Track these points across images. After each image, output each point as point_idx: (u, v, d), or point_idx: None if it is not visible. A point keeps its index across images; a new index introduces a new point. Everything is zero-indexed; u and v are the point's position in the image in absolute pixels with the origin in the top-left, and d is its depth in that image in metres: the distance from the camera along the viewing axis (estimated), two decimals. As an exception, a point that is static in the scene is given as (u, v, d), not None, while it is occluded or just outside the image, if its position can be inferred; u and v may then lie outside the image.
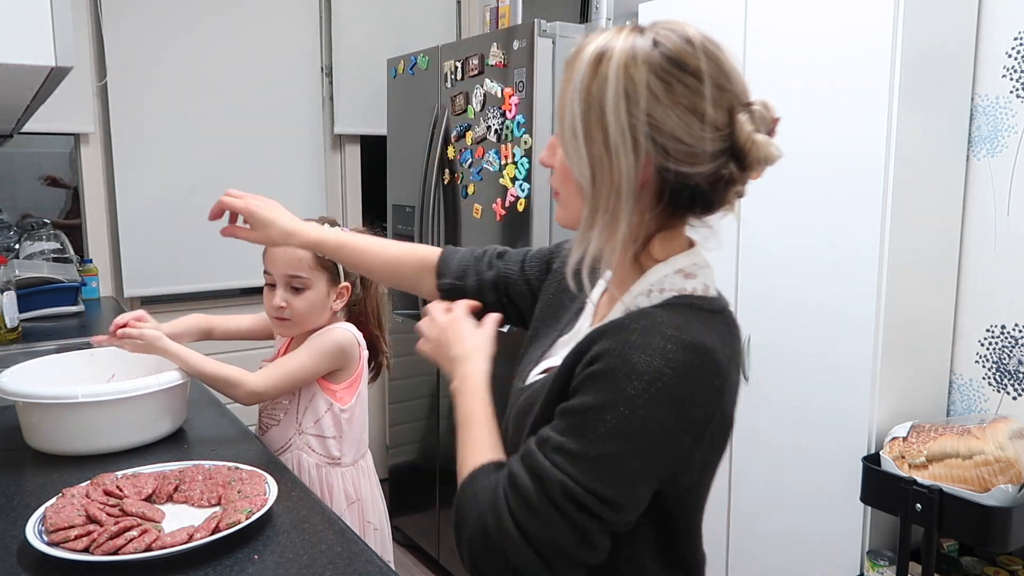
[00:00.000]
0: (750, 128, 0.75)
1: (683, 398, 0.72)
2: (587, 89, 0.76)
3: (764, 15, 1.90)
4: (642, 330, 0.74)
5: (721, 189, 0.78)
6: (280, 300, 1.49)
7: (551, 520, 0.72)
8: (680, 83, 0.74)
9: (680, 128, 0.74)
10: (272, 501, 1.10)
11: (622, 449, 0.72)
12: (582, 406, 0.73)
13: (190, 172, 3.00)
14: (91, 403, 1.31)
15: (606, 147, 0.75)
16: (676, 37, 0.76)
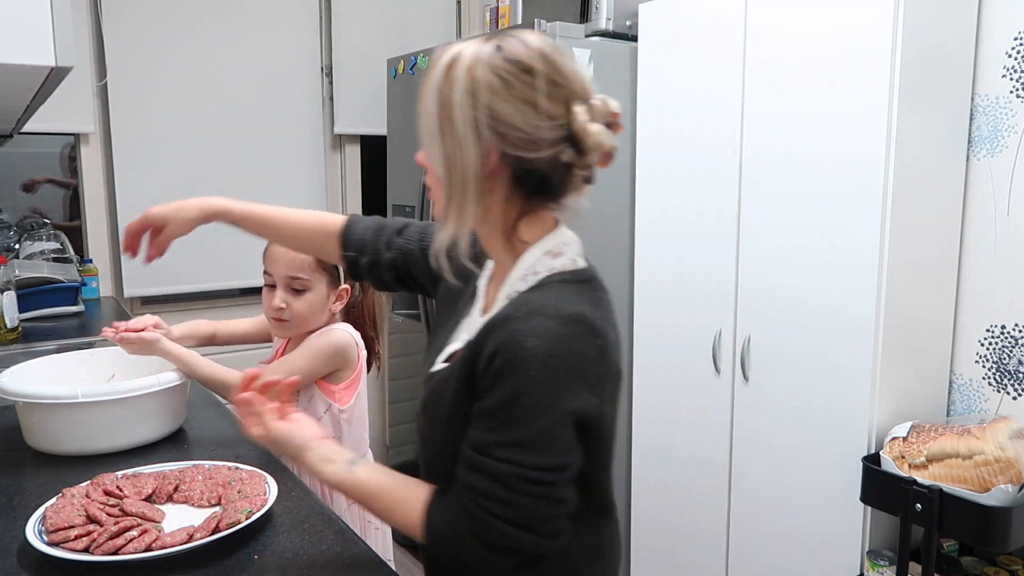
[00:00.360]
0: (584, 118, 0.86)
1: (576, 364, 0.83)
2: (440, 91, 0.87)
3: (764, 15, 1.90)
4: (525, 316, 0.84)
5: (562, 173, 0.89)
6: (280, 301, 1.49)
7: (523, 503, 0.83)
8: (517, 79, 0.85)
9: (518, 118, 0.84)
10: (272, 501, 1.10)
11: (546, 423, 0.82)
12: (500, 401, 0.83)
13: (190, 172, 3.00)
14: (91, 403, 1.31)
15: (455, 140, 0.86)
16: (517, 42, 0.87)
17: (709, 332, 2.11)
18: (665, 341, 2.26)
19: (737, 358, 2.03)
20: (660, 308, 2.27)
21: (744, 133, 1.97)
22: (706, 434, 2.14)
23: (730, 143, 2.01)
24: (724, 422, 2.09)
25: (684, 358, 2.20)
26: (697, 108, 2.10)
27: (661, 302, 2.26)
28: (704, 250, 2.11)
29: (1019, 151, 1.78)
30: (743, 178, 1.98)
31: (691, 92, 2.12)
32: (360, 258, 1.18)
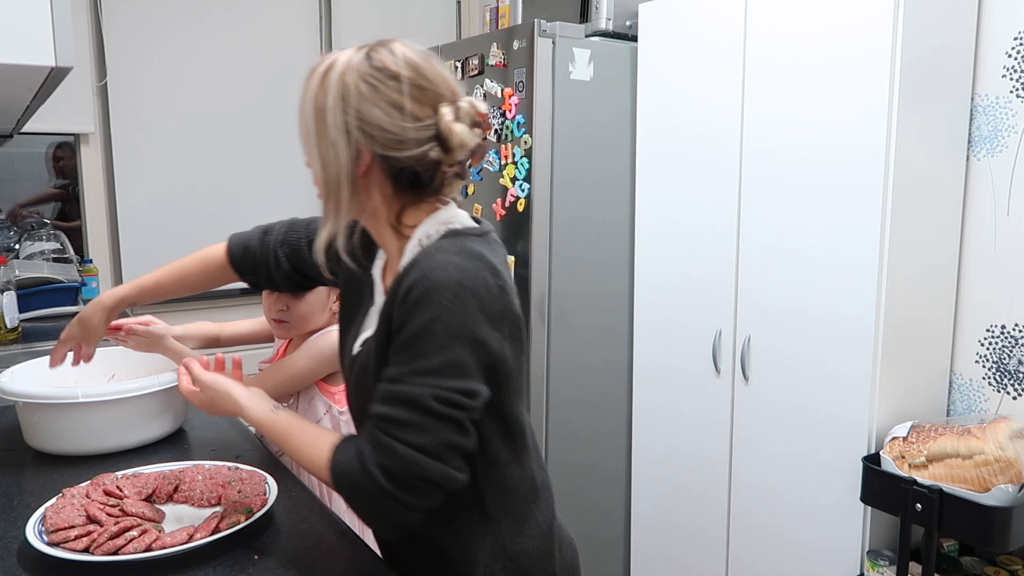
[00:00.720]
0: (449, 119, 0.92)
1: (481, 296, 0.89)
2: (315, 98, 0.93)
3: (764, 15, 1.90)
4: (431, 254, 0.91)
5: (432, 170, 0.95)
6: (281, 303, 1.49)
7: (436, 426, 0.87)
8: (383, 84, 0.91)
9: (385, 120, 0.91)
10: (272, 501, 1.10)
11: (459, 349, 0.87)
12: (414, 331, 0.88)
13: (190, 172, 3.00)
14: (91, 403, 1.31)
15: (328, 143, 0.92)
16: (385, 51, 0.93)
17: (709, 332, 2.11)
18: (665, 341, 2.26)
19: (737, 358, 2.03)
20: (660, 308, 2.27)
21: (744, 133, 1.97)
22: (706, 434, 2.14)
23: (730, 143, 2.01)
24: (724, 422, 2.09)
25: (684, 358, 2.20)
26: (697, 108, 2.10)
27: (661, 302, 2.26)
28: (704, 250, 2.11)
29: (1019, 151, 1.78)
30: (743, 178, 1.98)
31: (691, 92, 2.12)
32: (257, 278, 1.27)
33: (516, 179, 2.28)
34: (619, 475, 2.48)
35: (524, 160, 2.24)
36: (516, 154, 2.27)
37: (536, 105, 2.20)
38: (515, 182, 2.28)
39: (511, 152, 2.29)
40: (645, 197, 2.29)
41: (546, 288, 2.26)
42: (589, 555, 2.49)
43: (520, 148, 2.25)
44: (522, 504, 1.01)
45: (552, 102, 2.21)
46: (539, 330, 2.27)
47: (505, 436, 0.98)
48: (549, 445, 2.32)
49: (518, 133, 2.26)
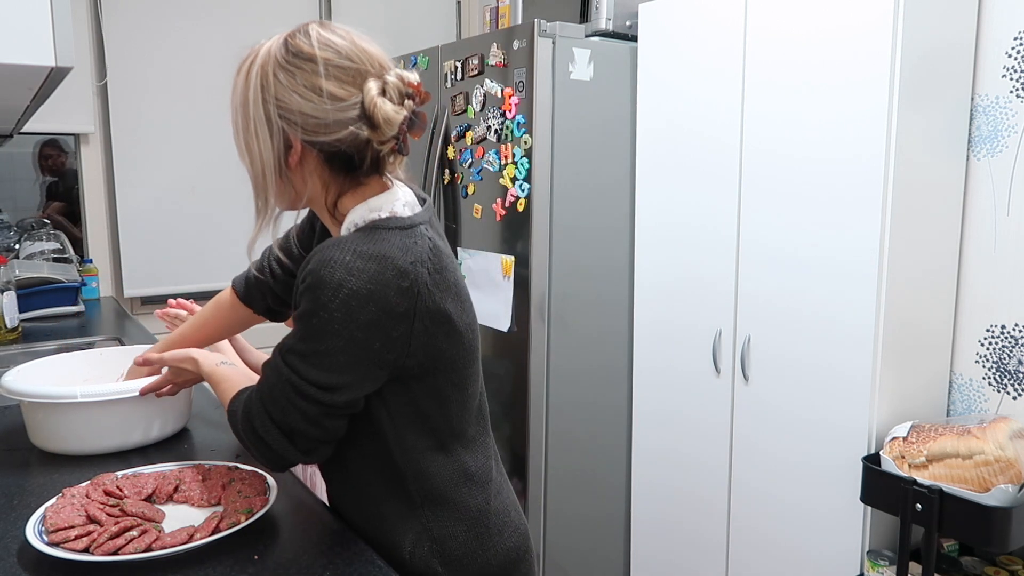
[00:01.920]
0: (375, 93, 0.91)
1: (372, 299, 0.88)
2: (241, 92, 0.93)
3: (764, 15, 1.90)
4: (329, 248, 0.90)
5: (364, 149, 0.94)
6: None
7: (283, 407, 0.92)
8: (299, 69, 0.91)
9: (305, 105, 0.90)
10: (272, 501, 1.10)
11: (331, 345, 0.89)
12: (300, 313, 0.91)
13: (190, 172, 3.00)
14: (90, 403, 1.31)
15: (251, 134, 0.92)
16: (300, 34, 0.93)
17: (709, 332, 2.11)
18: (665, 341, 2.26)
19: (737, 358, 2.03)
20: (660, 308, 2.27)
21: (744, 133, 1.97)
22: (706, 434, 2.14)
23: (730, 143, 2.01)
24: (724, 422, 2.09)
25: (684, 358, 2.20)
26: (697, 108, 2.10)
27: (661, 302, 2.26)
28: (704, 250, 2.11)
29: (1019, 151, 1.78)
30: (743, 178, 1.99)
31: (691, 92, 2.12)
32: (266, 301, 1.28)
33: (516, 179, 2.28)
34: (619, 476, 2.48)
35: (524, 160, 2.24)
36: (516, 154, 2.27)
37: (536, 105, 2.20)
38: (515, 182, 2.28)
39: (511, 152, 2.29)
40: (645, 198, 2.29)
41: (546, 289, 2.26)
42: (589, 556, 2.49)
43: (520, 148, 2.25)
44: (447, 489, 1.02)
45: (552, 102, 2.21)
46: (539, 330, 2.27)
47: (422, 426, 1.00)
48: (549, 446, 2.32)
49: (518, 133, 2.26)
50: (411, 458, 1.00)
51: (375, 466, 1.02)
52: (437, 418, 1.00)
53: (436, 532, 1.01)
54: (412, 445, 1.00)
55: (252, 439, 0.96)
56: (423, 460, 1.01)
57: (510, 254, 2.32)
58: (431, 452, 1.01)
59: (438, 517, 1.02)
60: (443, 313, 0.95)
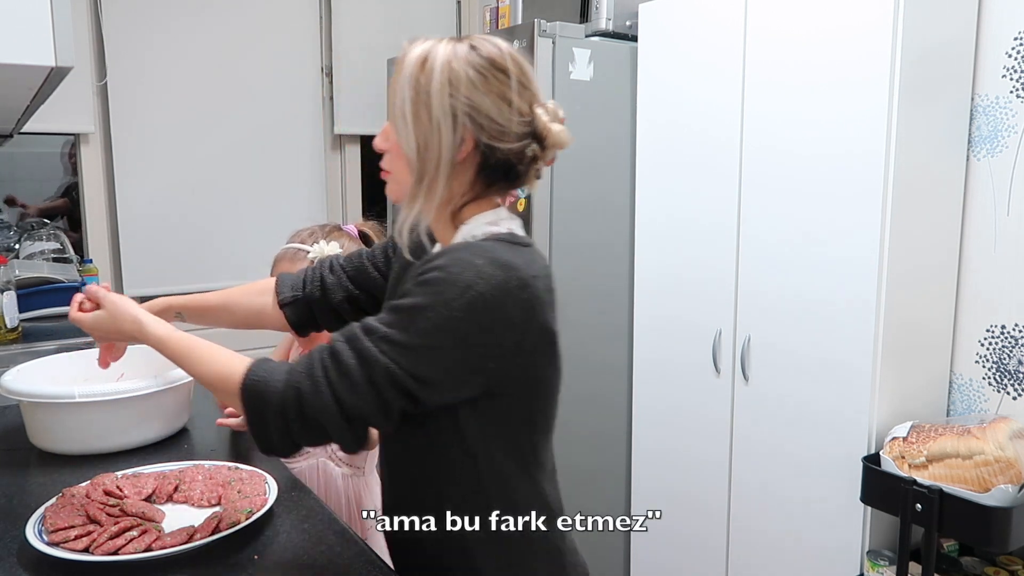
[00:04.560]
0: (546, 119, 0.95)
1: (494, 306, 0.87)
2: (416, 80, 0.93)
3: (764, 15, 1.90)
4: (461, 249, 0.91)
5: (526, 164, 0.97)
6: None
7: (366, 396, 0.87)
8: (493, 77, 0.93)
9: (493, 110, 0.92)
10: (272, 501, 1.10)
11: (441, 343, 0.87)
12: (410, 305, 0.88)
13: (190, 172, 3.00)
14: (89, 403, 1.31)
15: (431, 124, 0.92)
16: (489, 45, 0.95)
17: (709, 332, 2.11)
18: (665, 339, 2.26)
19: (737, 358, 2.03)
20: (660, 307, 2.27)
21: (744, 133, 1.97)
22: (706, 434, 2.14)
23: (730, 142, 2.01)
24: (724, 422, 2.09)
25: (684, 358, 2.20)
26: (697, 107, 2.10)
27: (661, 301, 2.26)
28: (704, 249, 2.11)
29: (1019, 151, 1.77)
30: (743, 177, 1.98)
31: (691, 91, 2.12)
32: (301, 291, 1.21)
33: (516, 179, 2.28)
34: (619, 474, 2.48)
35: (524, 160, 2.24)
36: (516, 154, 2.27)
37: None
38: (515, 182, 2.28)
39: (511, 152, 2.29)
40: (645, 197, 2.29)
41: (546, 288, 2.26)
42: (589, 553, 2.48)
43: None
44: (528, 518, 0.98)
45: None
46: (539, 330, 2.27)
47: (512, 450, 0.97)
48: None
49: (518, 133, 2.26)
50: (498, 481, 0.97)
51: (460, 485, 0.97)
52: (525, 443, 0.99)
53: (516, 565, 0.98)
54: (500, 467, 0.97)
55: (295, 417, 0.88)
56: (509, 484, 0.98)
57: (510, 254, 2.32)
58: (516, 478, 0.98)
59: (518, 547, 0.98)
60: (551, 332, 0.95)
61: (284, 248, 1.50)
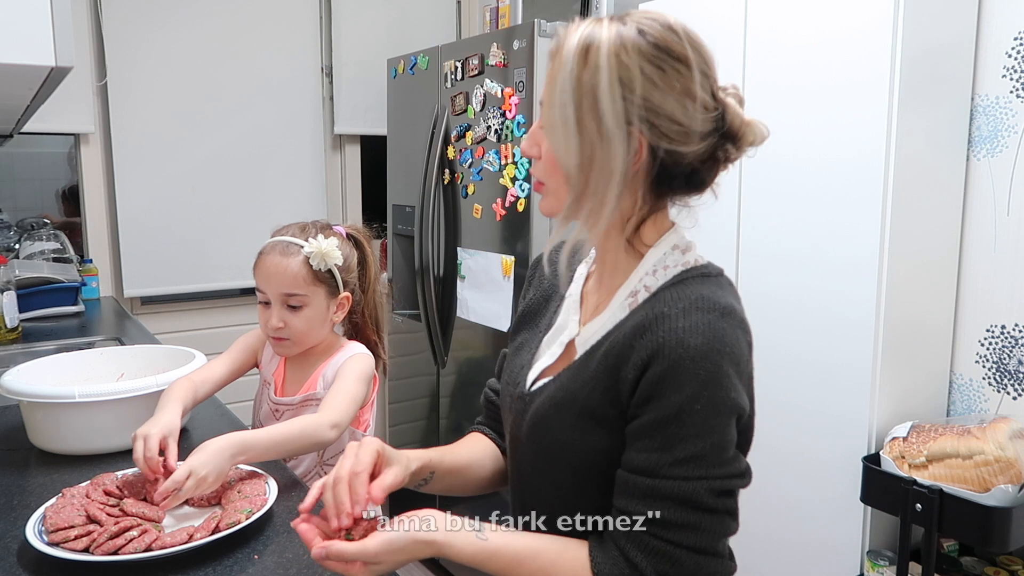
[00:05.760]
0: (739, 110, 0.82)
1: (737, 359, 0.80)
2: (578, 79, 0.77)
3: (764, 15, 1.90)
4: (682, 313, 0.78)
5: (711, 168, 0.83)
6: (277, 321, 1.38)
7: (713, 523, 0.77)
8: (672, 68, 0.77)
9: (678, 110, 0.77)
10: (272, 501, 1.10)
11: (720, 424, 0.77)
12: (671, 410, 0.76)
13: (190, 172, 3.00)
14: (89, 403, 1.31)
15: (600, 134, 0.76)
16: (659, 26, 0.78)
17: (709, 332, 2.10)
18: (665, 341, 2.26)
19: (737, 358, 2.03)
20: (660, 308, 2.26)
21: (744, 133, 1.97)
22: (706, 434, 2.14)
23: (730, 143, 2.01)
24: (724, 422, 2.08)
25: (684, 358, 2.19)
26: (697, 108, 2.10)
27: (661, 302, 2.26)
28: (703, 248, 2.10)
29: (1019, 151, 1.77)
30: (743, 178, 1.98)
31: (691, 92, 2.11)
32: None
33: (516, 179, 2.28)
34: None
35: (524, 160, 2.24)
36: (516, 154, 2.27)
37: (536, 105, 2.20)
38: (515, 182, 2.28)
39: (511, 152, 2.29)
40: (645, 197, 2.29)
41: (546, 288, 2.26)
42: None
43: (520, 148, 2.25)
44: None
45: (552, 102, 2.21)
46: (539, 330, 2.27)
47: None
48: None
49: (518, 133, 2.26)
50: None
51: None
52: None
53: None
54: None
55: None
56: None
57: (510, 254, 2.32)
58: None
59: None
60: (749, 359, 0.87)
61: (272, 242, 1.42)
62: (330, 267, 1.40)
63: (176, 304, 3.08)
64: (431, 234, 2.68)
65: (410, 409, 2.97)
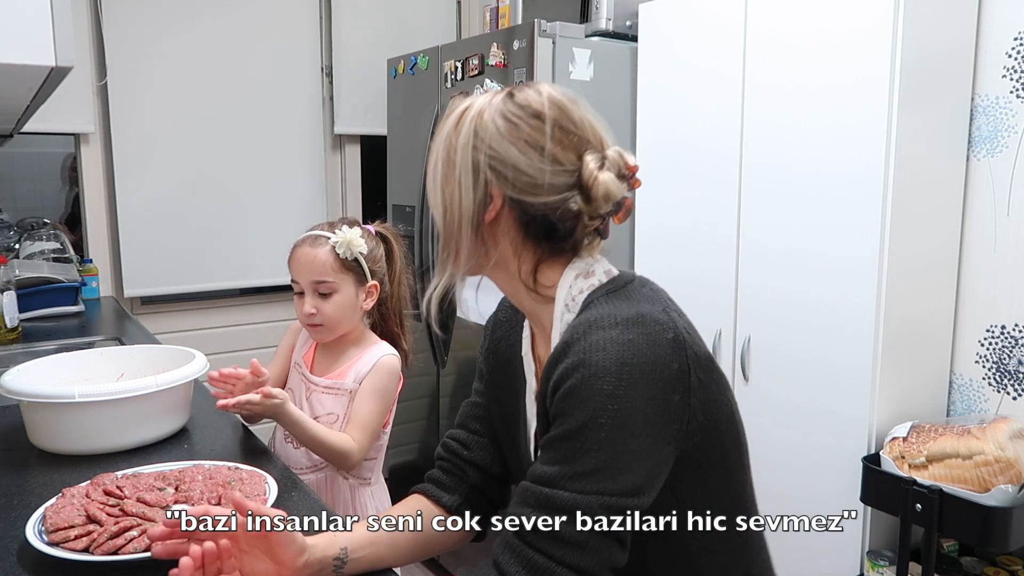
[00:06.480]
0: (594, 166, 0.83)
1: (653, 368, 0.77)
2: (448, 139, 0.86)
3: (764, 15, 1.90)
4: (584, 334, 0.79)
5: (571, 221, 0.85)
6: (310, 307, 1.47)
7: (599, 544, 0.76)
8: (523, 122, 0.84)
9: (521, 160, 0.83)
10: (272, 501, 1.10)
11: (627, 441, 0.76)
12: (574, 427, 0.77)
13: (190, 172, 3.00)
14: (89, 403, 1.31)
15: (454, 183, 0.84)
16: (529, 90, 0.86)
17: (709, 332, 2.10)
18: (665, 341, 2.25)
19: (737, 358, 2.03)
20: (660, 308, 2.26)
21: (744, 133, 1.97)
22: (706, 434, 2.14)
23: (730, 143, 2.01)
24: (724, 422, 2.08)
25: (684, 358, 2.19)
26: (697, 108, 2.10)
27: (661, 302, 2.26)
28: (704, 250, 2.11)
29: (1019, 151, 1.77)
30: (743, 178, 1.98)
31: (691, 92, 2.12)
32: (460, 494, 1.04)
33: (516, 179, 2.28)
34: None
35: (524, 160, 2.24)
36: (516, 154, 2.27)
37: (536, 105, 2.19)
38: (515, 182, 2.28)
39: (511, 152, 2.29)
40: (645, 197, 2.29)
41: (546, 288, 2.26)
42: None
43: None
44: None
45: (552, 102, 2.21)
46: (539, 330, 2.27)
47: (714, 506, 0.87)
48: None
49: (518, 133, 2.26)
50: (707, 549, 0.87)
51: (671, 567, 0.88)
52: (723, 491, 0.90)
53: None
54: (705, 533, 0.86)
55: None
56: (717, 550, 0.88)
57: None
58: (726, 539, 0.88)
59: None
60: (707, 357, 0.84)
61: (303, 236, 1.52)
62: (356, 255, 1.48)
63: (176, 304, 3.08)
64: (431, 234, 2.68)
65: (410, 409, 2.96)
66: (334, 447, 1.41)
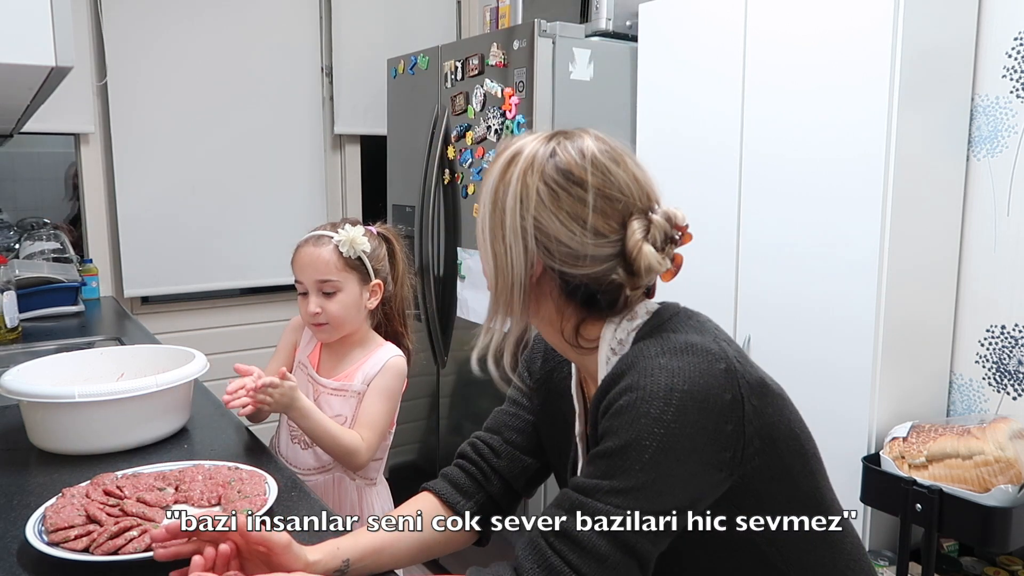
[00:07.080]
0: (639, 236, 0.82)
1: (704, 396, 0.77)
2: (495, 190, 0.86)
3: (764, 15, 1.90)
4: (632, 364, 0.80)
5: (613, 291, 0.85)
6: (314, 307, 1.47)
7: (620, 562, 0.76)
8: (565, 192, 0.82)
9: (563, 232, 0.82)
10: (272, 501, 1.10)
11: (671, 465, 0.76)
12: (620, 445, 0.77)
13: (190, 172, 3.00)
14: (89, 403, 1.31)
15: (504, 244, 0.84)
16: (572, 149, 0.84)
17: (709, 332, 2.10)
18: (665, 341, 2.25)
19: (737, 358, 2.03)
20: (660, 308, 2.27)
21: (744, 133, 1.97)
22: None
23: (730, 143, 2.01)
24: (724, 422, 2.08)
25: (684, 358, 2.19)
26: (697, 108, 2.10)
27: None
28: (704, 250, 2.10)
29: (1019, 151, 1.77)
30: (743, 178, 1.98)
31: (691, 92, 2.12)
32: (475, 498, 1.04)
33: (516, 179, 2.27)
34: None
35: (524, 160, 2.24)
36: (516, 154, 2.27)
37: (536, 105, 2.20)
38: (515, 182, 2.28)
39: (511, 152, 2.29)
40: (645, 197, 2.29)
41: (546, 288, 2.26)
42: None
43: None
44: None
45: (552, 102, 2.21)
46: (539, 330, 2.27)
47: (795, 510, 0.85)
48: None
49: (518, 133, 2.26)
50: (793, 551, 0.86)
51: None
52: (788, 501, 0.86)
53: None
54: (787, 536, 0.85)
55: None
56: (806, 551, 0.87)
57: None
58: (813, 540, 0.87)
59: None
60: (761, 381, 0.85)
61: (306, 236, 1.52)
62: (359, 254, 1.48)
63: (176, 304, 3.08)
64: (431, 234, 2.68)
65: (410, 409, 2.96)
66: (343, 443, 1.41)
